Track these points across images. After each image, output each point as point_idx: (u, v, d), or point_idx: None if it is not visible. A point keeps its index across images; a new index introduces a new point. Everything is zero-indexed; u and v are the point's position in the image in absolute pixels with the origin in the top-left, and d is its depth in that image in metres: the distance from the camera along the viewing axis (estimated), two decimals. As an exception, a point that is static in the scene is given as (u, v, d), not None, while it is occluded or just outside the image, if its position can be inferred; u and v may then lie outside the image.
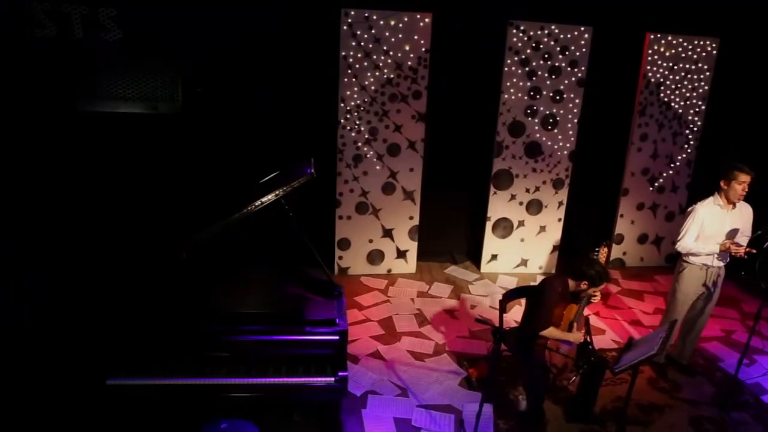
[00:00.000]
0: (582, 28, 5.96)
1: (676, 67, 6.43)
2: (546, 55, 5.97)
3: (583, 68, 6.09)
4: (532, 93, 6.06)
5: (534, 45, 5.91)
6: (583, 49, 6.03)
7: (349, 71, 5.61)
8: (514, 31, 5.85)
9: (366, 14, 5.48)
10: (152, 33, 5.08)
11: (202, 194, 5.01)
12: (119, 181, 5.32)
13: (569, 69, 6.06)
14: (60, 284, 4.45)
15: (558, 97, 6.12)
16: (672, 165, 6.81)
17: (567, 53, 6.00)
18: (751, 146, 6.73)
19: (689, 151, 6.79)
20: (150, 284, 3.75)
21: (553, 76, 6.05)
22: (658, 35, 6.26)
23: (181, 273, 3.79)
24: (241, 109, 5.57)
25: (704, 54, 6.44)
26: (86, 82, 4.88)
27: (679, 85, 6.51)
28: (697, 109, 6.64)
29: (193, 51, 5.23)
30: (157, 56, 5.01)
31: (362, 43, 5.55)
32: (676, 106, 6.58)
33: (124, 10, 5.00)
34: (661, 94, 6.49)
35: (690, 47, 6.39)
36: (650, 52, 6.30)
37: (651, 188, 6.84)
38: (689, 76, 6.49)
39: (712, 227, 4.36)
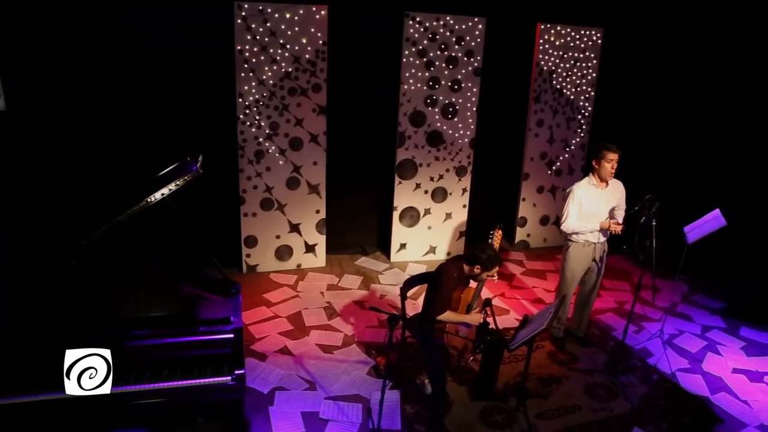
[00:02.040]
0: (476, 19, 6.13)
1: (566, 56, 6.75)
2: (443, 46, 6.10)
3: (478, 58, 6.27)
4: (430, 83, 6.17)
5: (431, 36, 6.02)
6: (478, 39, 6.20)
7: (246, 66, 5.50)
8: (411, 22, 5.93)
9: (260, 7, 5.39)
10: None
11: (82, 197, 4.77)
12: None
13: (465, 59, 6.22)
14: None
15: (456, 87, 6.28)
16: (567, 149, 7.16)
17: (463, 43, 6.16)
18: (636, 128, 7.21)
19: (582, 135, 7.16)
20: (30, 294, 3.52)
21: (451, 66, 6.20)
22: (548, 25, 6.55)
23: (65, 279, 3.58)
24: (119, 107, 5.35)
25: (590, 43, 6.80)
26: None
27: (569, 73, 6.84)
28: (587, 95, 7.01)
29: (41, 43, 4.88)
30: None
31: (258, 37, 5.46)
32: (568, 93, 6.92)
33: None
34: (554, 82, 6.80)
35: (578, 37, 6.72)
36: (541, 41, 6.58)
37: (549, 172, 7.16)
38: (578, 64, 6.84)
39: (590, 205, 4.63)
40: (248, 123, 5.66)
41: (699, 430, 4.16)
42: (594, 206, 4.62)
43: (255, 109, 5.64)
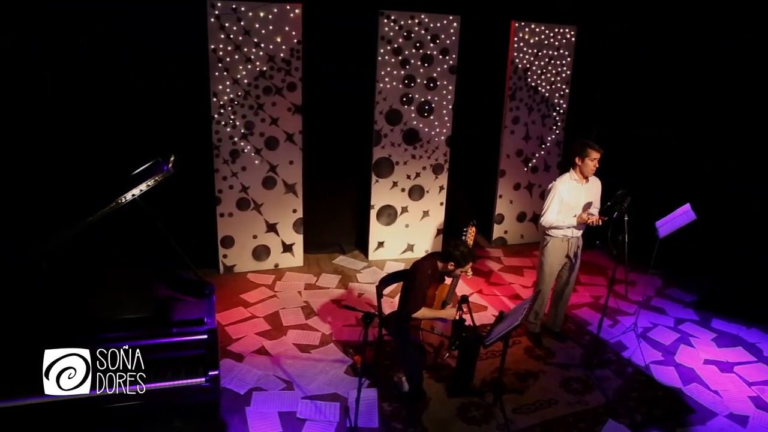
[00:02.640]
0: (450, 17, 6.15)
1: (540, 54, 6.80)
2: (418, 44, 6.11)
3: (454, 56, 6.28)
4: (406, 81, 6.18)
5: (405, 34, 6.03)
6: (453, 38, 6.22)
7: (220, 65, 5.46)
8: (385, 20, 5.93)
9: (234, 6, 5.35)
10: None
11: (53, 197, 4.70)
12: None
13: (441, 57, 6.24)
14: None
15: (432, 85, 6.29)
16: (543, 146, 7.22)
17: (438, 41, 6.17)
18: (611, 125, 7.29)
19: (557, 132, 7.22)
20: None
21: (426, 64, 6.21)
22: (522, 23, 6.59)
23: (36, 282, 3.53)
24: (98, 106, 5.29)
25: (564, 41, 6.86)
26: None
27: (544, 71, 6.90)
28: (561, 93, 7.08)
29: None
30: None
31: (231, 36, 5.42)
32: (543, 90, 6.97)
33: None
34: (529, 79, 6.85)
35: (552, 34, 6.78)
36: (516, 39, 6.62)
37: (525, 169, 7.22)
38: (552, 61, 6.90)
39: (571, 200, 4.69)
40: (223, 122, 5.62)
41: (671, 420, 4.23)
42: (574, 201, 4.69)
43: (230, 108, 5.60)
